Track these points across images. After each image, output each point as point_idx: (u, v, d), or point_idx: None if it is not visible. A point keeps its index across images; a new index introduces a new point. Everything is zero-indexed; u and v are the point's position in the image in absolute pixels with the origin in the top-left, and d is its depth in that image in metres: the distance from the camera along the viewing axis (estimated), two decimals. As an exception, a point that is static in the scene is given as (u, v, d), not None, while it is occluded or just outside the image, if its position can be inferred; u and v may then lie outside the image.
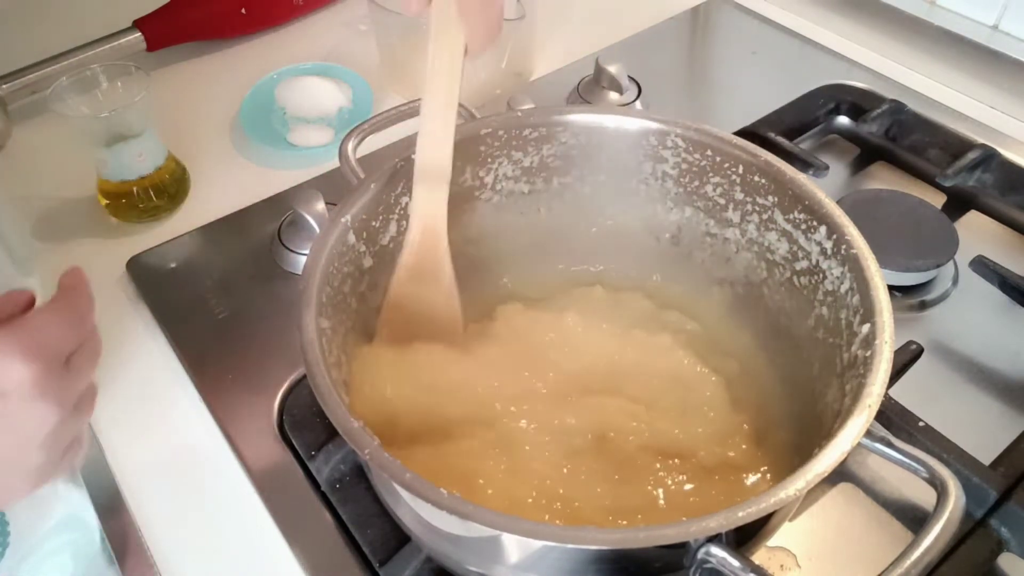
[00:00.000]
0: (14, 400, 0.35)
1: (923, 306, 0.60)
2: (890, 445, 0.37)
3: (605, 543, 0.33)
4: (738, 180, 0.50)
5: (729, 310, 0.54)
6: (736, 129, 0.71)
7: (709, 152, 0.50)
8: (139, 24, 0.81)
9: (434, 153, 0.47)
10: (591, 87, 0.76)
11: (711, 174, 0.51)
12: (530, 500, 0.43)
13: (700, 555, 0.34)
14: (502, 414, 0.47)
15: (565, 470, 0.45)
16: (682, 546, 0.34)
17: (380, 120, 0.52)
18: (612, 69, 0.74)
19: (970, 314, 0.59)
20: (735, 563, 0.34)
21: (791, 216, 0.47)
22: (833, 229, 0.45)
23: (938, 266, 0.60)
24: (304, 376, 0.54)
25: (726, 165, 0.50)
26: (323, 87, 0.76)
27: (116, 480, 0.52)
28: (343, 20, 0.91)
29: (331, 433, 0.51)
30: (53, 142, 0.75)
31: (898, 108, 0.72)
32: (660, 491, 0.45)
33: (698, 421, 0.48)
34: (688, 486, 0.45)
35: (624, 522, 0.43)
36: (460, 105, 0.54)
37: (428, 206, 0.48)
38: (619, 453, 0.46)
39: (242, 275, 0.63)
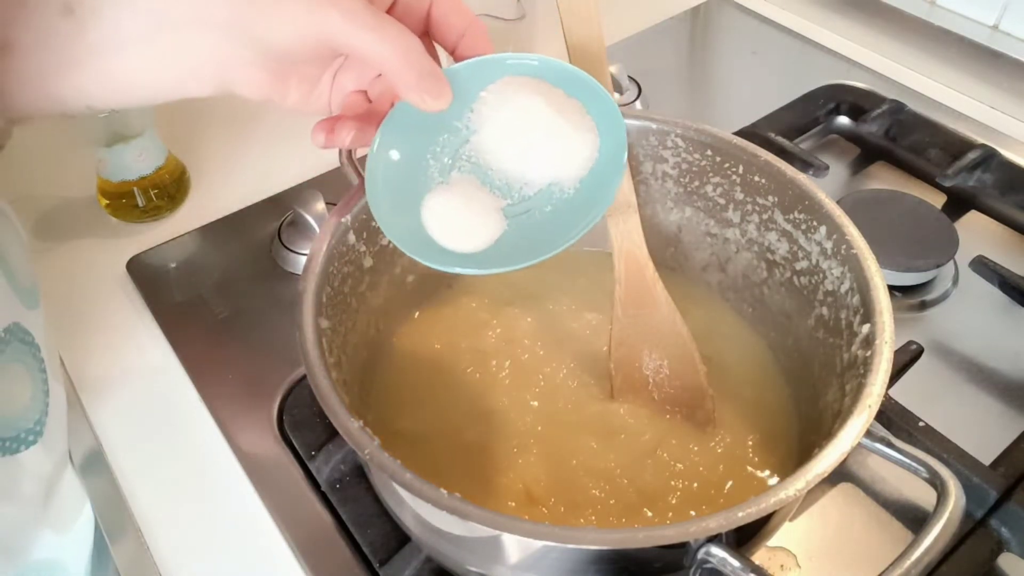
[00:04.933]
0: None
1: (923, 306, 0.60)
2: (890, 445, 0.37)
3: (605, 543, 0.33)
4: (738, 180, 0.50)
5: (729, 310, 0.54)
6: (736, 129, 0.71)
7: (709, 152, 0.50)
8: (139, 24, 0.81)
9: None
10: (591, 87, 0.76)
11: (711, 174, 0.51)
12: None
13: (700, 555, 0.34)
14: (509, 407, 0.49)
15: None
16: (682, 546, 0.35)
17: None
18: (612, 69, 0.74)
19: (970, 314, 0.59)
20: (735, 563, 0.34)
21: (791, 216, 0.47)
22: (833, 229, 0.45)
23: (938, 266, 0.60)
24: (304, 376, 0.54)
25: (726, 165, 0.50)
26: None
27: (116, 480, 0.52)
28: (343, 20, 0.91)
29: (331, 433, 0.51)
30: (53, 142, 0.75)
31: (898, 108, 0.72)
32: (664, 482, 0.45)
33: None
34: (694, 484, 0.45)
35: (625, 521, 0.43)
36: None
37: (623, 238, 0.49)
38: (628, 448, 0.47)
39: (242, 275, 0.62)
